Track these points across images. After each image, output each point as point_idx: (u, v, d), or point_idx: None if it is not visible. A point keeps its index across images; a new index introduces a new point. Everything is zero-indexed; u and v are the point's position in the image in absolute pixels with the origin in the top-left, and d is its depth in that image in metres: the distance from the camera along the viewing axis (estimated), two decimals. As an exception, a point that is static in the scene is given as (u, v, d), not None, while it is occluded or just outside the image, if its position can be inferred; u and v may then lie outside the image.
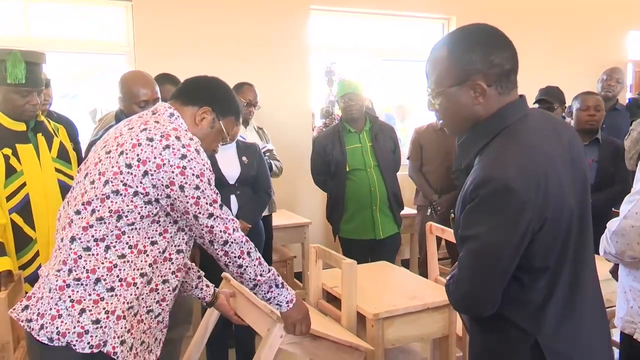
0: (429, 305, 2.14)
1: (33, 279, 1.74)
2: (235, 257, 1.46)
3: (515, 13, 5.10)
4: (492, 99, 1.22)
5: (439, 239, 3.19)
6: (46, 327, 1.33)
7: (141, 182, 1.35)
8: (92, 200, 1.37)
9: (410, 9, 4.93)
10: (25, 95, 2.04)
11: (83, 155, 2.56)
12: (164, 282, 1.48)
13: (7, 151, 2.04)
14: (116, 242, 1.37)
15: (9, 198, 2.03)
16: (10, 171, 2.04)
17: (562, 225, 1.19)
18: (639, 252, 1.57)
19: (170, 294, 1.51)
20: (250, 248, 1.49)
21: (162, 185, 1.36)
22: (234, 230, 1.45)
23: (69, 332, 1.32)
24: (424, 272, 3.29)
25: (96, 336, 1.33)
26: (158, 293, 1.48)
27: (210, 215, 1.41)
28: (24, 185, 2.06)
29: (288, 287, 1.60)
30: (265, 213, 3.12)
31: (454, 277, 1.28)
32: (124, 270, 1.38)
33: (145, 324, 1.47)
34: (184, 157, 1.36)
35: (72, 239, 1.37)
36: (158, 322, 1.52)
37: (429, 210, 3.71)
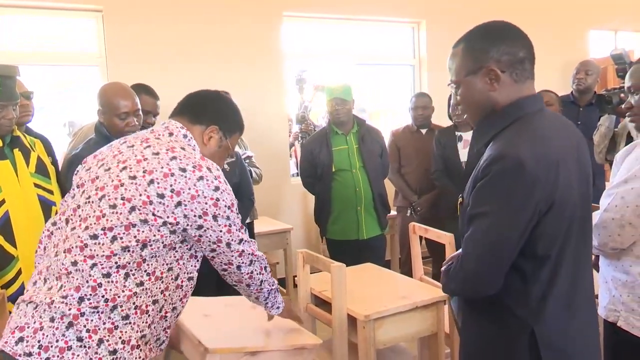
0: (418, 304, 2.17)
1: (16, 298, 1.70)
2: (257, 273, 1.54)
3: (481, 16, 5.15)
4: (507, 85, 1.30)
5: (420, 238, 3.24)
6: None
7: (173, 213, 1.33)
8: (115, 227, 1.31)
9: (381, 14, 5.00)
10: (0, 110, 1.99)
11: (61, 169, 2.51)
12: (173, 309, 1.46)
13: (-16, 168, 1.99)
14: (136, 269, 1.33)
15: (-12, 216, 1.97)
16: (-11, 188, 1.99)
17: (566, 214, 1.24)
18: (620, 243, 1.64)
19: (174, 320, 1.50)
20: (265, 263, 1.58)
21: (195, 215, 1.35)
22: (256, 249, 1.53)
23: None
24: (406, 272, 3.34)
25: None
26: (166, 320, 1.45)
27: (241, 240, 1.46)
28: (2, 202, 2.01)
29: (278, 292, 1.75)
30: (247, 220, 3.12)
31: (454, 260, 1.32)
32: (141, 297, 1.34)
33: (153, 352, 1.44)
34: (217, 189, 1.37)
35: (93, 265, 1.30)
36: (160, 350, 1.49)
37: (409, 211, 3.77)
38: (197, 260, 1.48)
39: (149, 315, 1.36)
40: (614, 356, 1.77)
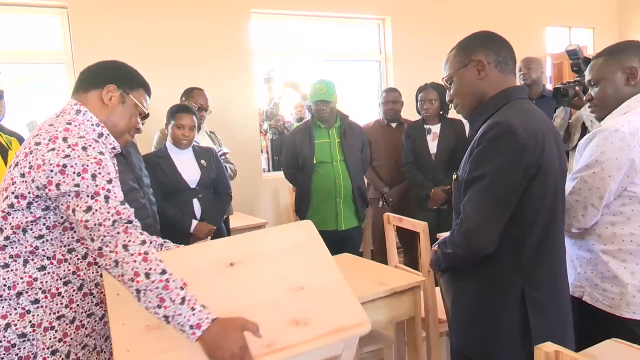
0: (395, 290, 2.26)
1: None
2: (110, 251, 1.25)
3: (443, 13, 5.39)
4: (493, 75, 1.52)
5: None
6: None
7: (31, 187, 1.32)
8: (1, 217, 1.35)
9: (348, 11, 5.09)
10: None
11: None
12: (97, 285, 1.48)
13: (-37, 166, 1.97)
14: (33, 255, 1.37)
15: (-32, 214, 1.95)
16: (-32, 186, 1.96)
17: (551, 181, 1.44)
18: (583, 223, 1.77)
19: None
20: (130, 242, 1.26)
21: (42, 185, 1.30)
22: (113, 222, 1.27)
23: None
24: (379, 262, 3.43)
25: (24, 348, 1.36)
26: (94, 296, 1.48)
27: (89, 208, 1.28)
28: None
29: (198, 308, 1.24)
30: (224, 215, 3.15)
31: (450, 233, 1.51)
32: (46, 282, 1.38)
33: (87, 328, 1.47)
34: (67, 156, 1.30)
35: None
36: (104, 323, 1.51)
37: (381, 202, 3.87)
38: None
39: (62, 297, 1.40)
40: (580, 328, 1.91)
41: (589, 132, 1.95)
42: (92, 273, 1.47)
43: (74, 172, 1.29)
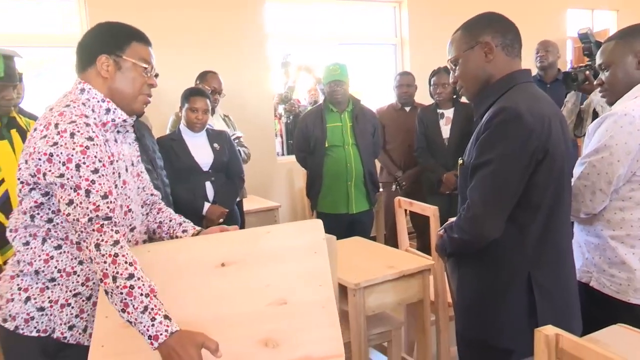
0: (404, 273, 2.29)
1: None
2: (86, 247, 1.28)
3: (462, -5, 5.30)
4: (500, 58, 1.50)
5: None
6: (2, 309, 1.42)
7: (26, 174, 1.33)
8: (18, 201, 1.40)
9: (363, -6, 5.05)
10: (1, 90, 2.04)
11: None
12: None
13: (-17, 148, 2.03)
14: (47, 237, 1.40)
15: (-12, 195, 2.03)
16: (-12, 168, 2.03)
17: (557, 165, 1.43)
18: (591, 208, 1.76)
19: None
20: (102, 241, 1.26)
21: (31, 174, 1.32)
22: (89, 219, 1.27)
23: (17, 317, 1.41)
24: (392, 245, 3.46)
25: (42, 322, 1.41)
26: None
27: (70, 202, 1.28)
28: (2, 181, 2.06)
29: (159, 319, 1.22)
30: (237, 198, 3.19)
31: (457, 218, 1.51)
32: (62, 261, 1.41)
33: None
34: (54, 144, 1.28)
35: (16, 237, 1.42)
36: None
37: (394, 186, 3.88)
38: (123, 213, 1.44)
39: (77, 276, 1.42)
40: (587, 314, 1.91)
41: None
42: None
43: (59, 162, 1.28)
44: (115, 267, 1.24)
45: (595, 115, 2.81)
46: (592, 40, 2.90)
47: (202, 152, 2.87)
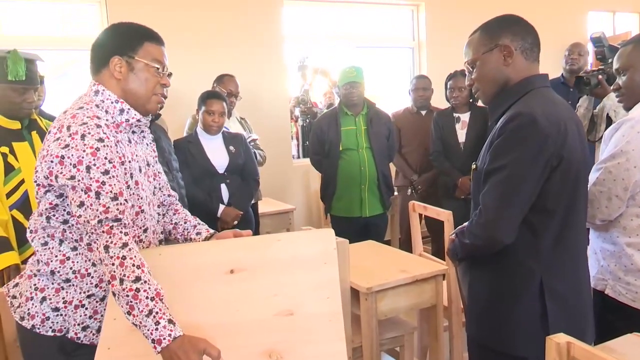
0: (417, 277, 2.28)
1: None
2: (96, 248, 1.29)
3: (480, -2, 5.27)
4: (519, 62, 1.48)
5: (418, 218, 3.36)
6: (21, 307, 1.45)
7: (41, 177, 1.35)
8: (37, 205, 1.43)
9: (381, -4, 5.05)
10: (23, 92, 2.09)
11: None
12: None
13: (5, 149, 2.08)
14: (64, 237, 1.42)
15: (8, 195, 2.07)
16: (9, 169, 2.08)
17: (572, 170, 1.41)
18: (607, 214, 1.74)
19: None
20: (111, 243, 1.27)
21: (44, 177, 1.34)
22: (99, 221, 1.28)
23: (36, 316, 1.43)
24: (407, 249, 3.45)
25: (57, 322, 1.44)
26: None
27: (81, 204, 1.29)
28: (22, 182, 2.11)
29: (163, 323, 1.22)
30: (252, 201, 3.22)
31: (469, 222, 1.50)
32: (77, 262, 1.43)
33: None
34: (66, 146, 1.29)
35: (35, 237, 1.44)
36: None
37: (409, 190, 3.87)
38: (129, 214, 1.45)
39: (91, 277, 1.44)
40: (602, 322, 1.88)
41: (614, 122, 1.90)
42: None
43: (70, 164, 1.29)
44: (123, 270, 1.25)
45: (609, 120, 2.77)
46: (606, 44, 2.87)
47: (218, 155, 2.90)
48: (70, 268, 1.43)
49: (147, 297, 1.23)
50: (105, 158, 1.32)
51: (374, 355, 2.23)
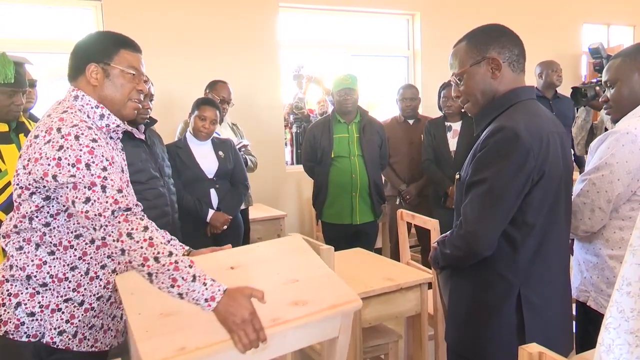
0: (402, 286, 2.28)
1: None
2: (113, 240, 1.30)
3: (475, 9, 5.30)
4: (506, 75, 1.48)
5: (408, 227, 3.36)
6: None
7: (27, 179, 1.37)
8: (15, 207, 1.44)
9: (376, 5, 5.07)
10: (11, 95, 2.09)
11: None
12: (102, 267, 1.52)
13: (-9, 151, 2.08)
14: (42, 241, 1.43)
15: (-6, 197, 2.07)
16: (-5, 171, 2.08)
17: (553, 185, 1.42)
18: (590, 226, 1.74)
19: (112, 275, 1.54)
20: (133, 229, 1.29)
21: (39, 177, 1.34)
22: (112, 212, 1.30)
23: (9, 322, 1.43)
24: (396, 259, 3.45)
25: (32, 327, 1.43)
26: (100, 279, 1.52)
27: (87, 200, 1.31)
28: (9, 184, 2.10)
29: (209, 282, 1.28)
30: (242, 207, 3.22)
31: (450, 232, 1.50)
32: (54, 267, 1.44)
33: (96, 310, 1.53)
34: (60, 148, 1.32)
35: (9, 242, 1.45)
36: (111, 303, 1.57)
37: (398, 200, 3.87)
38: None
39: (69, 282, 1.46)
40: (584, 334, 1.89)
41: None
42: (100, 256, 1.52)
43: (68, 164, 1.32)
44: (155, 249, 1.27)
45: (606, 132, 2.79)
46: (604, 55, 2.88)
47: (207, 160, 2.91)
48: (48, 272, 1.44)
49: (185, 266, 1.28)
50: (103, 156, 1.35)
51: (358, 363, 2.23)
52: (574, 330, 1.82)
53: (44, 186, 1.35)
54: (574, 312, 1.94)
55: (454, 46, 1.56)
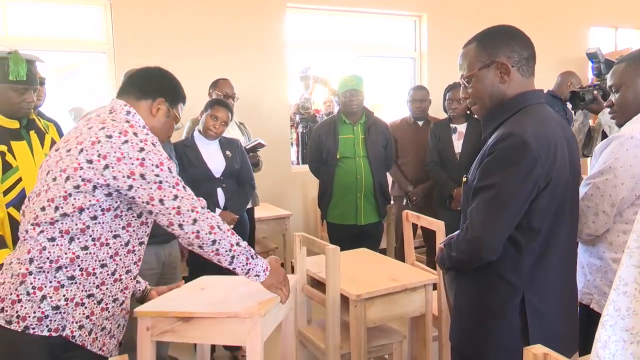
0: (407, 286, 2.29)
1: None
2: (206, 233, 1.49)
3: (482, 11, 5.31)
4: (515, 79, 1.47)
5: (414, 228, 3.37)
6: (6, 311, 1.44)
7: (102, 175, 1.44)
8: (56, 197, 1.46)
9: (383, 7, 5.09)
10: (23, 92, 2.12)
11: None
12: (127, 272, 1.60)
13: (3, 148, 2.10)
14: (80, 235, 1.47)
15: (6, 193, 2.09)
16: (7, 167, 2.11)
17: (559, 191, 1.42)
18: (594, 230, 1.75)
19: (131, 282, 1.64)
20: (219, 222, 1.54)
21: (124, 176, 1.44)
22: (201, 207, 1.51)
23: (28, 317, 1.43)
24: (401, 259, 3.46)
25: (55, 321, 1.45)
26: (122, 282, 1.59)
27: (176, 197, 1.48)
28: (20, 180, 2.13)
29: (261, 257, 1.64)
30: (248, 206, 3.24)
31: (457, 234, 1.50)
32: (86, 261, 1.48)
33: (109, 311, 1.57)
34: (142, 150, 1.47)
35: (40, 232, 1.46)
36: (122, 309, 1.63)
37: (405, 201, 3.89)
38: (148, 227, 1.63)
39: (96, 277, 1.51)
40: (587, 336, 1.90)
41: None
42: (128, 260, 1.59)
43: (152, 164, 1.47)
44: (235, 236, 1.58)
45: (604, 135, 2.79)
46: (602, 59, 2.90)
47: (214, 159, 2.93)
48: (79, 266, 1.48)
49: (246, 246, 1.61)
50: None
51: (362, 362, 2.24)
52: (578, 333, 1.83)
53: (128, 183, 1.45)
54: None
55: (464, 47, 1.55)
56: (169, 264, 2.55)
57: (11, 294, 1.45)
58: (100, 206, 1.47)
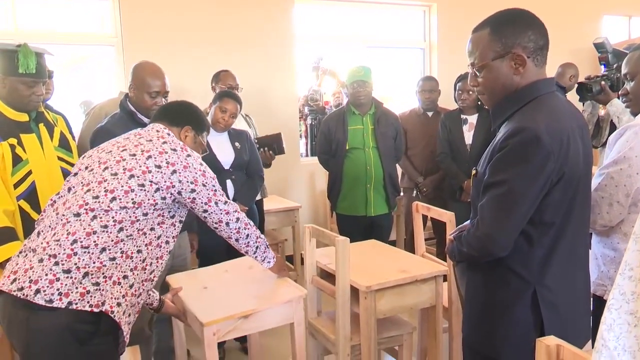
0: (417, 278, 2.28)
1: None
2: (244, 229, 1.90)
3: (491, 0, 5.23)
4: (529, 69, 1.41)
5: (424, 219, 3.35)
6: (44, 291, 1.48)
7: (170, 179, 1.69)
8: (116, 189, 1.62)
9: (393, -3, 5.04)
10: (32, 85, 2.12)
11: (81, 142, 2.65)
12: (151, 264, 1.73)
13: (13, 141, 2.11)
14: (130, 226, 1.64)
15: (16, 185, 2.11)
16: (17, 160, 2.12)
17: (572, 184, 1.38)
18: (608, 220, 1.73)
19: (151, 274, 1.75)
20: (247, 218, 1.94)
21: (188, 181, 1.72)
22: (235, 210, 1.88)
23: (71, 292, 1.49)
24: (410, 251, 3.44)
25: (95, 297, 1.53)
26: (145, 272, 1.71)
27: (226, 202, 1.84)
28: (29, 173, 2.14)
29: (269, 248, 2.07)
30: (257, 198, 3.24)
31: (468, 227, 1.47)
32: (127, 245, 1.63)
33: (136, 295, 1.68)
34: (201, 164, 1.79)
35: (94, 217, 1.59)
36: (138, 302, 1.72)
37: (415, 192, 3.87)
38: (175, 228, 1.81)
39: (132, 261, 1.65)
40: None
41: (617, 128, 1.89)
42: (155, 253, 1.74)
43: (210, 176, 1.80)
44: (257, 230, 1.98)
45: (612, 126, 2.76)
46: (609, 49, 2.85)
47: (223, 151, 2.93)
48: (120, 249, 1.61)
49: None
50: None
51: (372, 353, 2.24)
52: (591, 324, 1.81)
53: (191, 188, 1.72)
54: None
55: (475, 31, 1.46)
56: (178, 256, 2.56)
57: (46, 274, 1.50)
58: (154, 205, 1.67)
